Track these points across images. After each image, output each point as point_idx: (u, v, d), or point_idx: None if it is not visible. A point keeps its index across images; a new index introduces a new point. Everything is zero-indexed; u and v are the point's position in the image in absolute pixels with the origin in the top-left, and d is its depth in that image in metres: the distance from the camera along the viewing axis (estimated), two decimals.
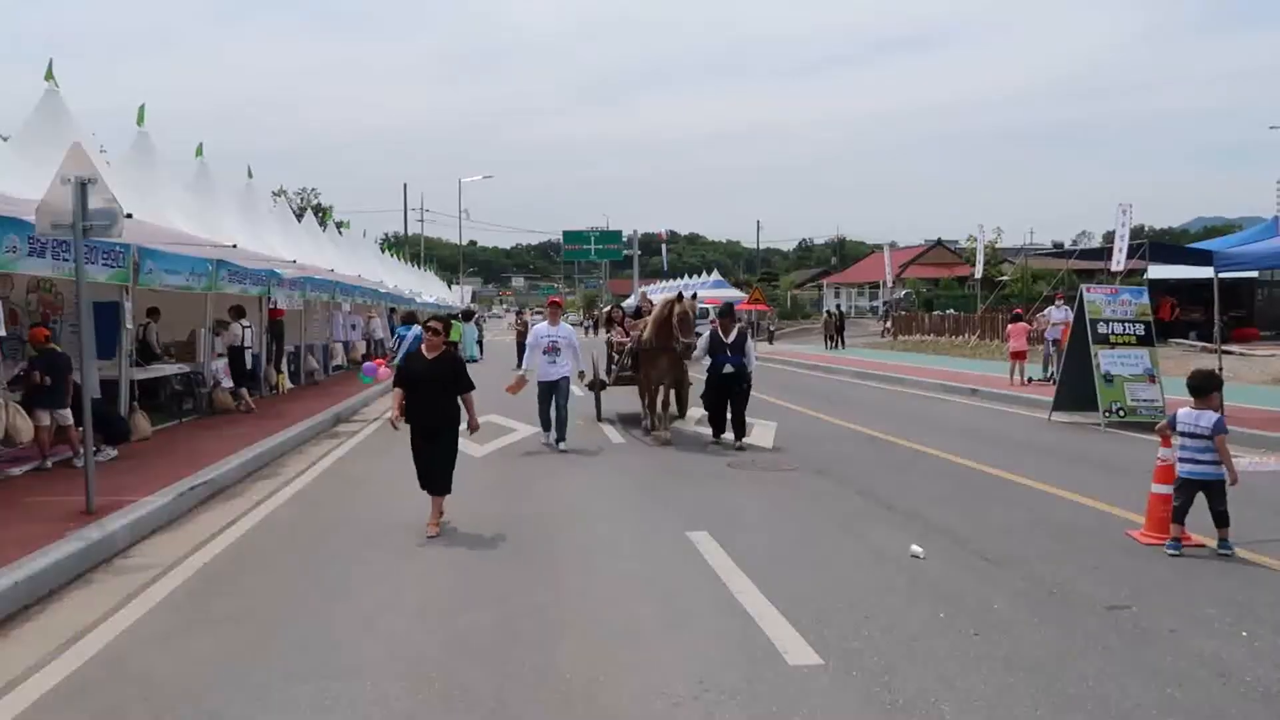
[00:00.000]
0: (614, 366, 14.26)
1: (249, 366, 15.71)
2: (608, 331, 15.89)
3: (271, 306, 17.33)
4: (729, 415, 11.78)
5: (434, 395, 7.33)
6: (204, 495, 8.58)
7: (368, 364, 16.29)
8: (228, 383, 14.72)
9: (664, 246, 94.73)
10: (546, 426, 11.80)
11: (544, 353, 11.63)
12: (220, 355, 14.96)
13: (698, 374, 12.51)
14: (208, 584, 6.07)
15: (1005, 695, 4.19)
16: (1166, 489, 6.89)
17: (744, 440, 11.57)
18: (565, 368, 11.67)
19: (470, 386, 7.56)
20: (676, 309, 11.63)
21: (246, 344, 15.50)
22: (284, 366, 18.44)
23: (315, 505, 8.58)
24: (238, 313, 15.33)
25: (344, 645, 4.89)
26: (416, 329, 21.40)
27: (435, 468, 7.41)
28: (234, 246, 12.37)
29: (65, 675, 4.53)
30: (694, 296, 12.36)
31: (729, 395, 11.67)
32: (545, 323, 12.11)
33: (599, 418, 14.15)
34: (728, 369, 11.59)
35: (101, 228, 7.45)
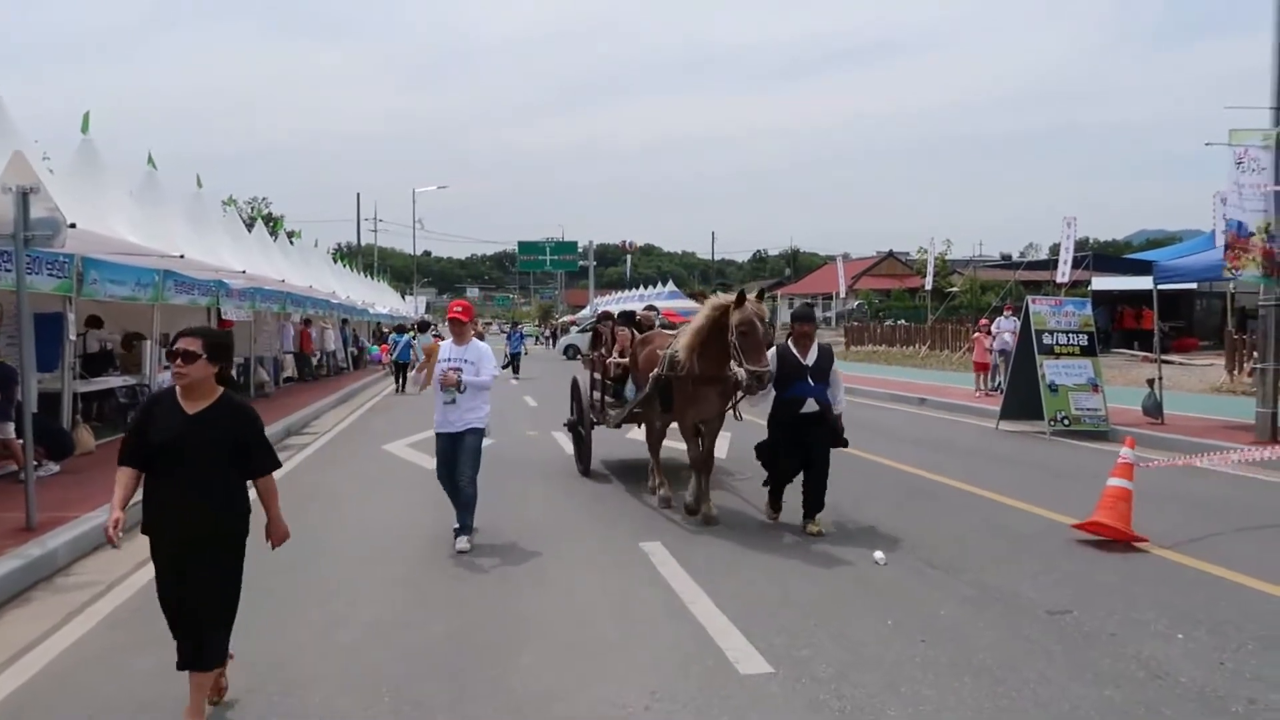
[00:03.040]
0: (609, 400, 10.41)
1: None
2: (592, 349, 11.68)
3: (220, 318, 17.11)
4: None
5: (195, 479, 4.01)
6: None
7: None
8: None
9: (629, 257, 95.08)
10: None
11: (442, 388, 7.21)
12: (166, 367, 14.68)
13: (755, 418, 8.88)
14: (151, 601, 5.93)
15: (950, 699, 4.27)
16: (1122, 483, 7.18)
17: (818, 521, 7.54)
18: (479, 413, 7.28)
19: (270, 464, 4.28)
20: (735, 317, 7.24)
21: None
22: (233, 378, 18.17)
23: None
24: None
25: (294, 660, 4.84)
26: (406, 335, 21.49)
27: (195, 617, 4.10)
28: (181, 257, 12.18)
29: (7, 694, 4.44)
30: (760, 296, 7.62)
31: (806, 449, 7.59)
32: (449, 341, 7.53)
33: (586, 471, 10.46)
34: (808, 406, 7.53)
35: (44, 238, 7.32)
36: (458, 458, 7.22)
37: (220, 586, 4.15)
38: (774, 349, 7.71)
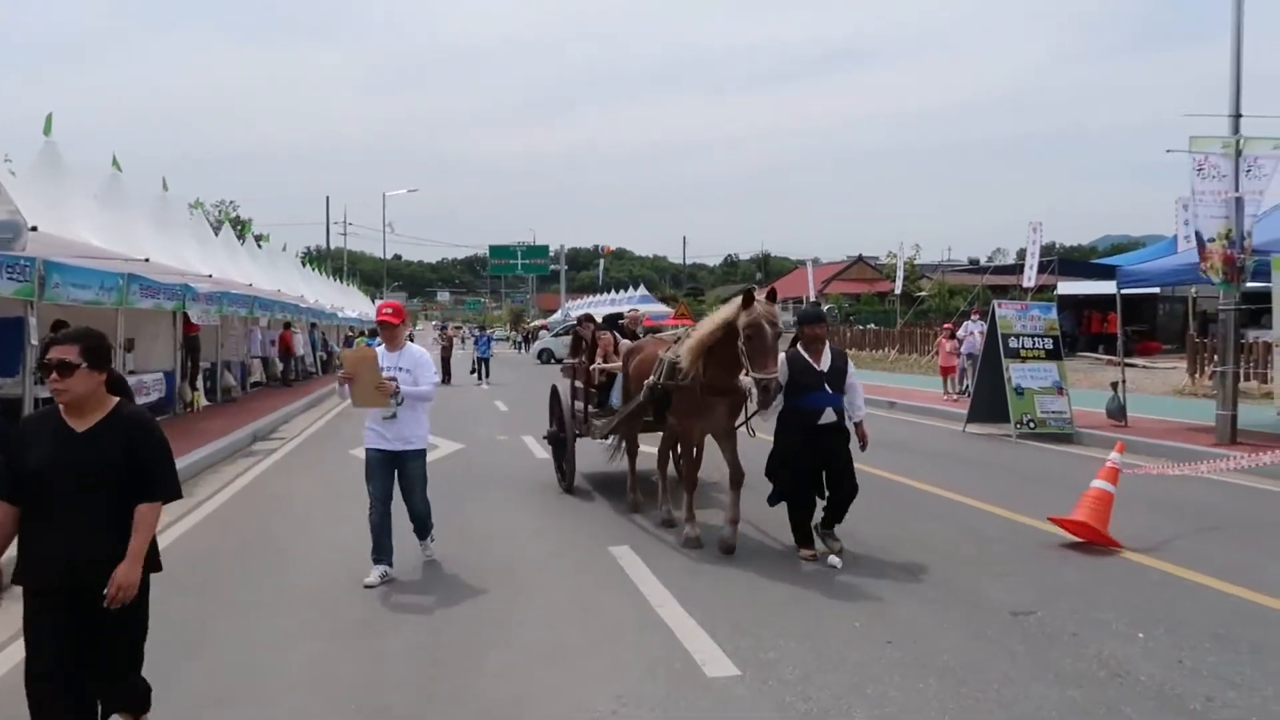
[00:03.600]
0: (593, 409, 9.57)
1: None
2: (572, 355, 10.77)
3: (187, 322, 16.92)
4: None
5: (85, 509, 3.34)
6: None
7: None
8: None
9: (602, 262, 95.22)
10: (381, 549, 6.43)
11: (350, 396, 6.43)
12: (131, 371, 14.50)
13: (766, 436, 7.26)
14: None
15: (915, 700, 4.32)
16: (1105, 486, 7.32)
17: (840, 548, 6.87)
18: (421, 429, 6.64)
19: (170, 490, 3.52)
20: (742, 319, 6.52)
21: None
22: (199, 384, 17.99)
23: (230, 526, 8.38)
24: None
25: (262, 668, 4.80)
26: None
27: (101, 672, 3.46)
28: (146, 260, 12.05)
29: None
30: (771, 297, 6.85)
31: (826, 465, 6.96)
32: (382, 347, 6.62)
33: (570, 488, 9.65)
34: (826, 417, 6.89)
35: (3, 240, 7.23)
36: (405, 485, 6.61)
37: (126, 633, 3.48)
38: (782, 355, 6.86)
